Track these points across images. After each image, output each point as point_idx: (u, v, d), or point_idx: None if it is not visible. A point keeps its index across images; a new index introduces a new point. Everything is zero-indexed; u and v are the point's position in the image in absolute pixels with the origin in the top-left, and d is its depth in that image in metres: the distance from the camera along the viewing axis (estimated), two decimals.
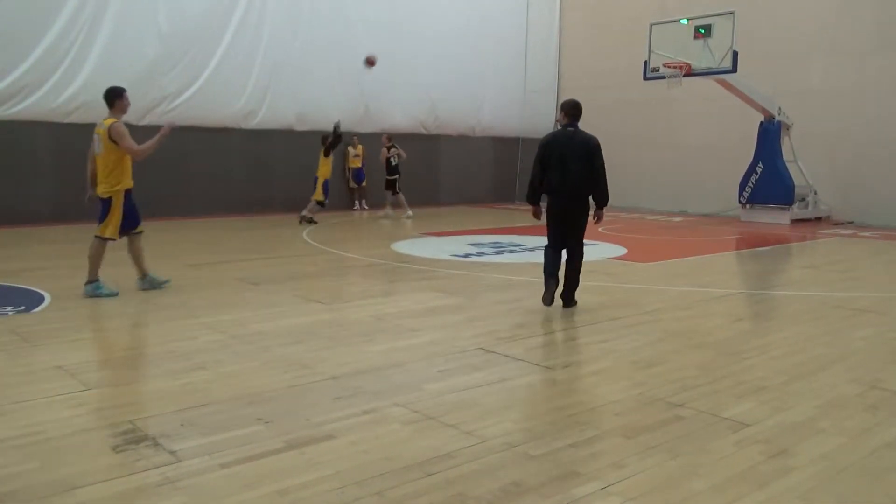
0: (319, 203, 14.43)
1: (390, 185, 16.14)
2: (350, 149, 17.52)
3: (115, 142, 6.97)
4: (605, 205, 6.66)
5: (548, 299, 6.50)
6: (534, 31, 21.22)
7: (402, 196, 16.04)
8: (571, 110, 6.64)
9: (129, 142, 7.00)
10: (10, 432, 3.64)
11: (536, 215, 6.87)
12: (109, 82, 13.83)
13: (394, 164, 16.06)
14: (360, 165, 17.66)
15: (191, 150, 15.23)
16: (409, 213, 15.91)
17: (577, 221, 6.64)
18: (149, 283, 7.46)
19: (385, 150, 16.08)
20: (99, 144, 7.09)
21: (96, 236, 7.13)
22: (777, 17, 16.52)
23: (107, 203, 7.09)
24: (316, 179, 14.51)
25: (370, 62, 13.37)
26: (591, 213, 6.73)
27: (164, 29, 14.79)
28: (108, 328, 5.83)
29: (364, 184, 17.81)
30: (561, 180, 6.50)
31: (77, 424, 3.76)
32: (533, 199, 6.74)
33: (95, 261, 7.12)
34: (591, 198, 6.62)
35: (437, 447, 3.51)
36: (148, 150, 7.09)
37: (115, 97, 7.23)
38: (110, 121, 7.07)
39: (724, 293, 7.73)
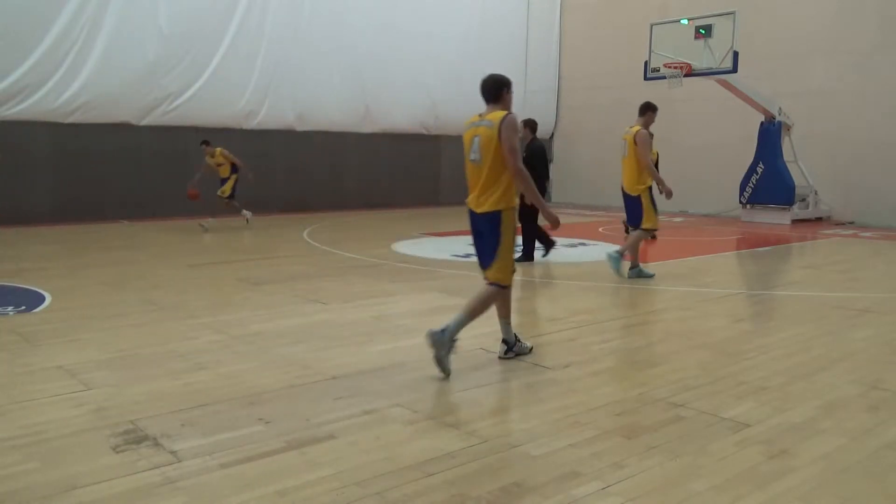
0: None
1: None
2: (208, 159, 13.31)
3: (636, 144, 8.01)
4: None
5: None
6: (534, 32, 21.22)
7: None
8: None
9: (644, 151, 7.96)
10: (11, 432, 3.64)
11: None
12: (110, 83, 14.16)
13: None
14: (227, 175, 13.33)
15: (191, 151, 15.24)
16: None
17: None
18: (636, 273, 8.37)
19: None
20: (625, 148, 8.16)
21: (641, 229, 8.28)
22: (777, 17, 16.52)
23: (636, 200, 8.18)
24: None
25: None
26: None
27: (165, 29, 14.80)
28: (108, 328, 5.83)
29: (221, 192, 13.22)
30: None
31: (77, 424, 3.76)
32: None
33: (634, 246, 8.35)
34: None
35: (437, 447, 3.51)
36: (648, 169, 8.02)
37: (646, 109, 8.23)
38: (636, 128, 8.08)
39: (724, 293, 7.72)
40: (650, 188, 8.28)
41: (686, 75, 14.77)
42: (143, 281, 7.97)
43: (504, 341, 5.10)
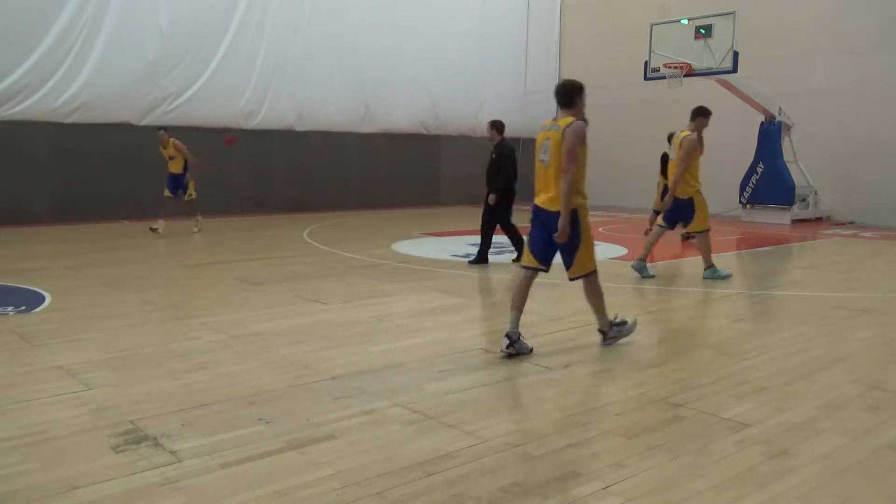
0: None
1: None
2: (161, 149, 12.43)
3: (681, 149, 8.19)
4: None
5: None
6: (534, 32, 21.22)
7: None
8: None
9: (685, 156, 8.17)
10: (11, 432, 3.64)
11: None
12: (110, 83, 14.17)
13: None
14: (179, 171, 12.41)
15: (191, 151, 15.27)
16: None
17: None
18: (710, 274, 8.35)
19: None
20: (673, 151, 8.45)
21: (699, 232, 8.43)
22: (778, 17, 16.52)
23: (688, 203, 8.31)
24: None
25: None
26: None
27: (165, 29, 14.81)
28: (108, 328, 5.83)
29: (188, 196, 12.50)
30: None
31: (77, 424, 3.76)
32: None
33: (707, 251, 8.36)
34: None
35: (437, 447, 3.51)
36: (676, 175, 8.26)
37: (697, 114, 8.36)
38: (686, 133, 8.23)
39: (725, 293, 7.72)
40: (699, 190, 8.44)
41: (686, 75, 14.77)
42: (143, 281, 7.97)
43: (507, 335, 5.10)
